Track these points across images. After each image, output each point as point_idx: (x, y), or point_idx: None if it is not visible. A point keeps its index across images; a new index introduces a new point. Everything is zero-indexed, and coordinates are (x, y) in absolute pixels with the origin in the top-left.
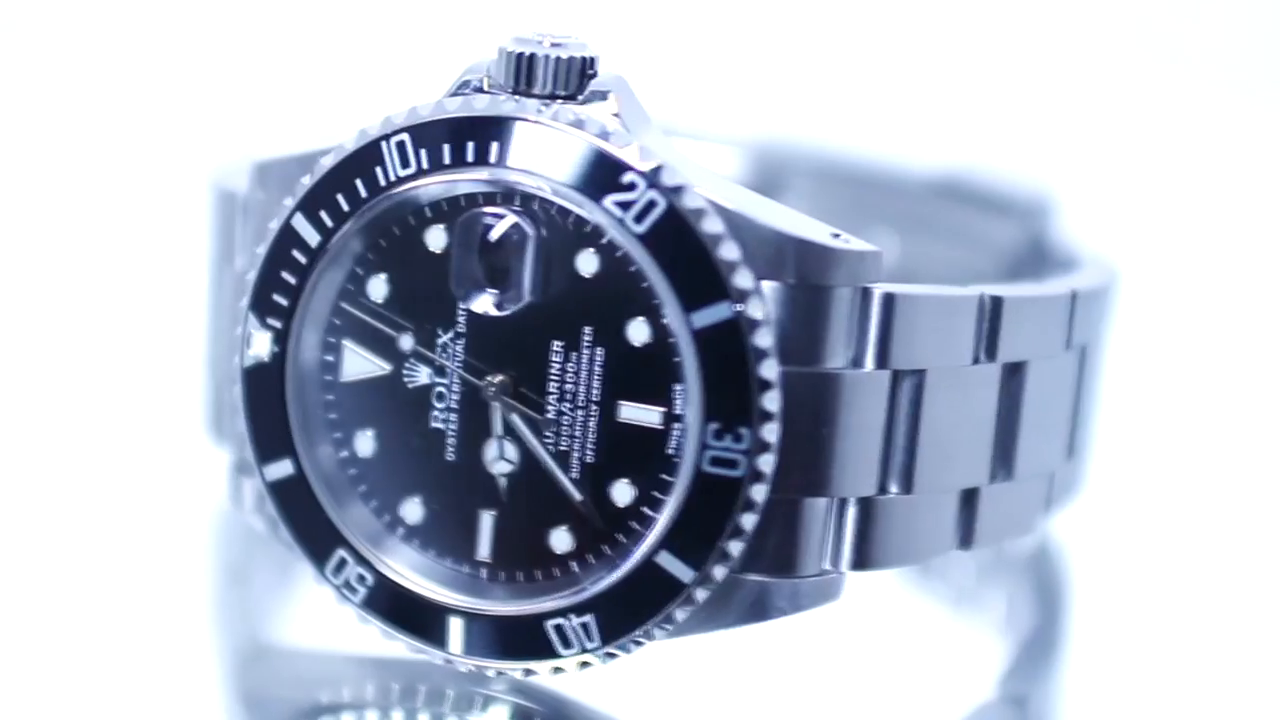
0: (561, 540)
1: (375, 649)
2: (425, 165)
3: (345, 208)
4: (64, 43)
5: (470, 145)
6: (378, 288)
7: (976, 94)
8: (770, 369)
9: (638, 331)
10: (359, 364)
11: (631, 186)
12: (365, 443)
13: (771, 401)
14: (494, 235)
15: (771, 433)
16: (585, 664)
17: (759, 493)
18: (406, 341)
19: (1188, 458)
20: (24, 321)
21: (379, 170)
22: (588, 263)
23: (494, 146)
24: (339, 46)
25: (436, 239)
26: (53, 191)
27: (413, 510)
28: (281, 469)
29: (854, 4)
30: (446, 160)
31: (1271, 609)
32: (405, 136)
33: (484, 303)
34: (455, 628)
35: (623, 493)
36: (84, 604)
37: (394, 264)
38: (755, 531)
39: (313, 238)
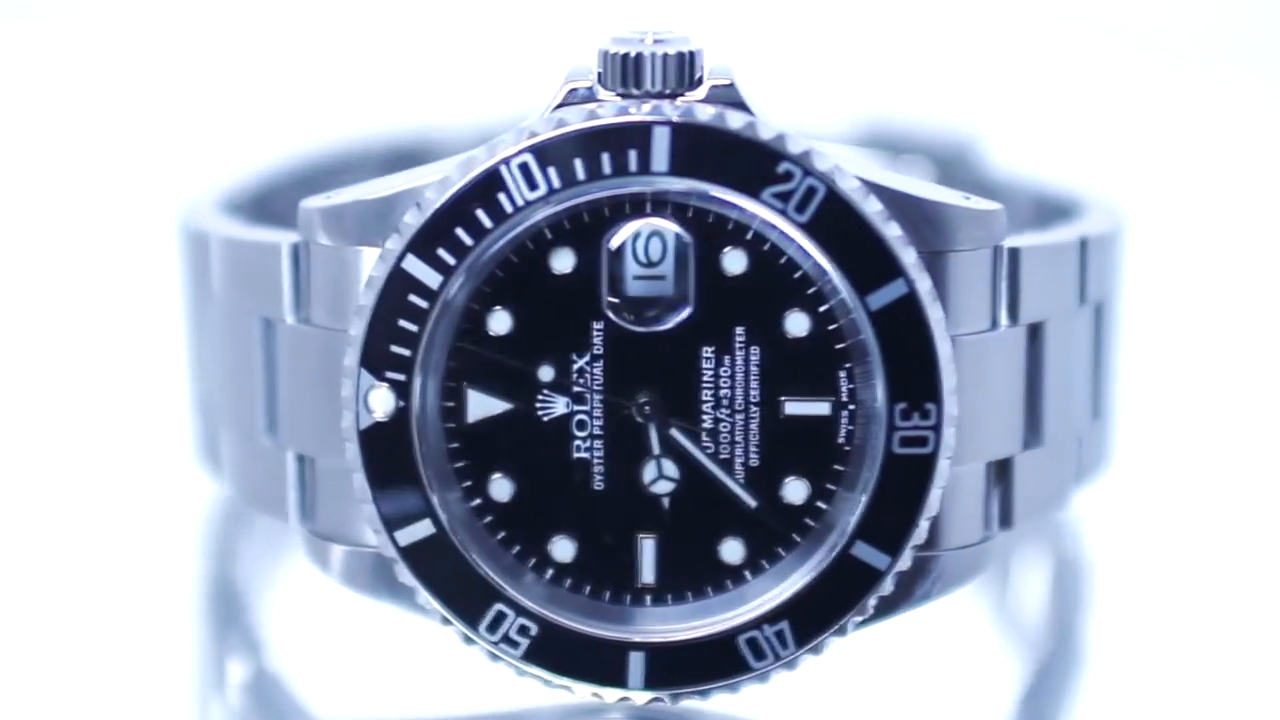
0: (733, 551)
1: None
2: (557, 184)
3: (468, 241)
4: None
5: (605, 156)
6: (499, 320)
7: (887, 44)
8: (945, 341)
9: (796, 323)
10: (485, 404)
11: (788, 176)
12: (500, 486)
13: (951, 373)
14: (640, 247)
15: (954, 404)
16: (778, 672)
17: (945, 467)
18: (539, 372)
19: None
20: None
21: (503, 196)
22: (735, 261)
23: (632, 155)
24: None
25: (563, 261)
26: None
27: (563, 548)
28: (419, 531)
29: None
30: (581, 176)
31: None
32: (528, 157)
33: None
34: (635, 662)
35: (796, 490)
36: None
37: (515, 293)
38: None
39: (432, 279)
